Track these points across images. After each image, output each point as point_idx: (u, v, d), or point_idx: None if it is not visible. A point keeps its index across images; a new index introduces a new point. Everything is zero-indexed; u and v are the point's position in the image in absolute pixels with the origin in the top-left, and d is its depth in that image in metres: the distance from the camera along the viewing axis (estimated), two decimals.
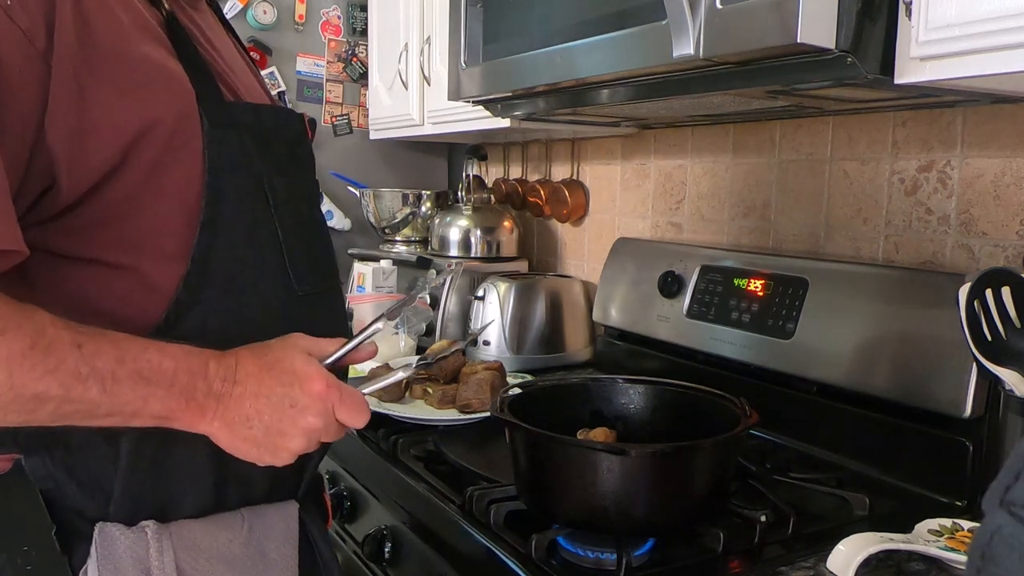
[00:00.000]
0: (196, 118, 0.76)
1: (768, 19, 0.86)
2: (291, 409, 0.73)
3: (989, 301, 0.95)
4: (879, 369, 1.17)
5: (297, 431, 0.74)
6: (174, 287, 0.76)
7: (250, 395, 0.72)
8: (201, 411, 0.71)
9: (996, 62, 0.78)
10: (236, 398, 0.72)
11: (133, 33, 0.73)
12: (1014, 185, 1.14)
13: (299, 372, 0.74)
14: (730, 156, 1.59)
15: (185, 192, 0.76)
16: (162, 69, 0.75)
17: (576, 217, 2.03)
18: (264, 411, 0.73)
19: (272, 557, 0.84)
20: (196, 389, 0.71)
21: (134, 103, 0.72)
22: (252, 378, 0.73)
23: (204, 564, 0.79)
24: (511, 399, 1.05)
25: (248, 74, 0.92)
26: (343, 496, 1.40)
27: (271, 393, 0.73)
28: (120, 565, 0.75)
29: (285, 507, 0.87)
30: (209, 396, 0.71)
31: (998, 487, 0.47)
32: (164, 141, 0.74)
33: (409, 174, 2.48)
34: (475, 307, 1.80)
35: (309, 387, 0.74)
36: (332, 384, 0.75)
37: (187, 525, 0.79)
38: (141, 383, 0.68)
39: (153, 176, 0.74)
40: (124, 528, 0.76)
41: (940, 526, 0.98)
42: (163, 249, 0.76)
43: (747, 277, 1.40)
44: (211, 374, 0.71)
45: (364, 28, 2.32)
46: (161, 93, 0.74)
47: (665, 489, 0.92)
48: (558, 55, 1.19)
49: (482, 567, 0.98)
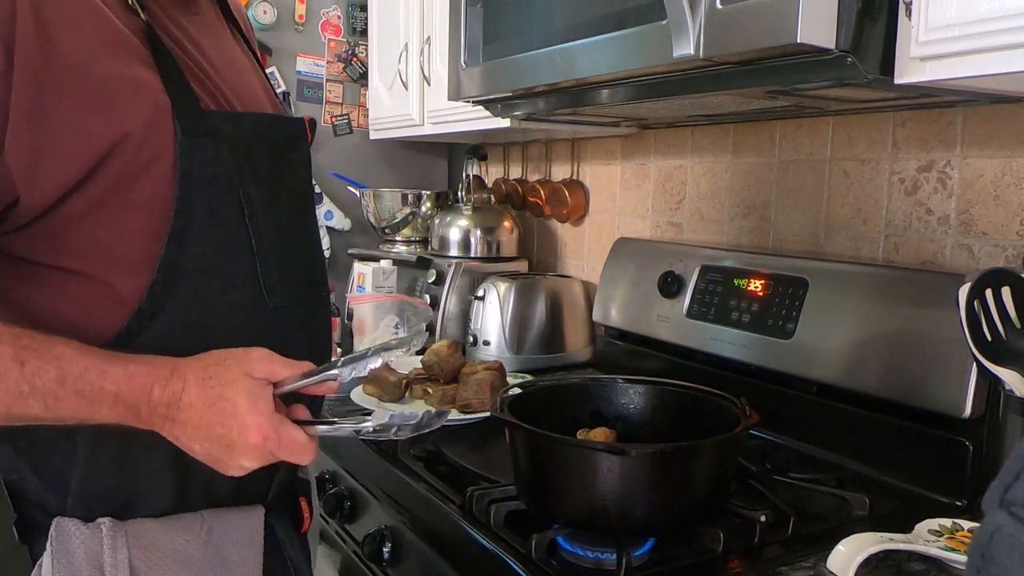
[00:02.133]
0: (168, 129, 0.76)
1: (768, 19, 0.86)
2: (229, 449, 0.73)
3: (989, 301, 0.95)
4: (879, 369, 1.17)
5: (235, 465, 0.74)
6: (138, 297, 0.75)
7: (192, 425, 0.72)
8: (149, 424, 0.72)
9: (996, 62, 0.78)
10: (180, 423, 0.72)
11: (99, 48, 0.72)
12: (1014, 185, 1.14)
13: (239, 418, 0.71)
14: (730, 156, 1.59)
15: (154, 202, 0.76)
16: (131, 82, 0.74)
17: (576, 217, 2.03)
18: (204, 440, 0.73)
19: (233, 560, 0.84)
20: (140, 410, 0.71)
21: (100, 119, 0.71)
22: (193, 411, 0.72)
23: (159, 563, 0.79)
24: (511, 399, 1.05)
25: (246, 77, 0.91)
26: (343, 496, 1.40)
27: (211, 431, 0.72)
28: (74, 560, 0.76)
29: (250, 511, 0.87)
30: (154, 415, 0.72)
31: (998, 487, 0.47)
32: (132, 153, 0.73)
33: (409, 174, 2.48)
34: (475, 307, 1.80)
35: (246, 437, 0.72)
36: (270, 435, 0.72)
37: (144, 524, 0.80)
38: (82, 402, 0.69)
39: (120, 187, 0.74)
40: (80, 524, 0.77)
41: (940, 526, 0.98)
42: (129, 259, 0.76)
43: (747, 277, 1.40)
44: (154, 399, 0.71)
45: (364, 28, 2.32)
46: (129, 107, 0.73)
47: (665, 489, 0.92)
48: (558, 55, 1.19)
49: (482, 567, 0.98)
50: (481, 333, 1.77)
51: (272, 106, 0.95)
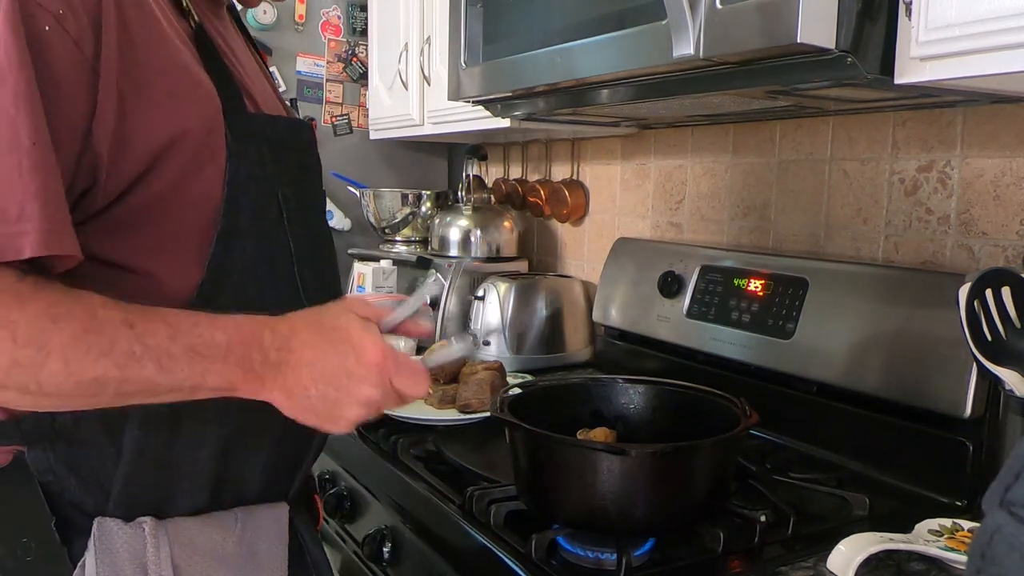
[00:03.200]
0: (221, 130, 0.77)
1: (768, 19, 0.86)
2: (347, 380, 0.72)
3: (989, 301, 0.95)
4: (879, 369, 1.17)
5: (353, 400, 0.73)
6: (188, 294, 0.76)
7: (307, 364, 0.72)
8: (260, 380, 0.71)
9: (996, 62, 0.78)
10: (293, 366, 0.72)
11: (170, 43, 0.74)
12: (1014, 185, 1.14)
13: (355, 342, 0.73)
14: (730, 156, 1.59)
15: (205, 202, 0.77)
16: (192, 81, 0.76)
17: (576, 217, 2.03)
18: (320, 380, 0.72)
19: (262, 556, 0.85)
20: (252, 360, 0.70)
21: (167, 112, 0.73)
22: (308, 347, 0.72)
23: (198, 561, 0.80)
24: (511, 399, 1.05)
25: (264, 82, 0.93)
26: (343, 496, 1.40)
27: (327, 363, 0.72)
28: (117, 559, 0.76)
29: (276, 508, 0.88)
30: (266, 366, 0.71)
31: (998, 487, 0.47)
32: (191, 151, 0.75)
33: (409, 174, 2.48)
34: (475, 307, 1.80)
35: (365, 357, 0.73)
36: (388, 354, 0.74)
37: (183, 522, 0.80)
38: (196, 358, 0.68)
39: (178, 185, 0.75)
40: (122, 523, 0.78)
41: (940, 526, 0.98)
42: (181, 256, 0.77)
43: (747, 277, 1.40)
44: (266, 344, 0.71)
45: (364, 28, 2.32)
46: (191, 104, 0.75)
47: (665, 489, 0.92)
48: (558, 55, 1.19)
49: (482, 567, 0.98)
50: (481, 333, 1.77)
51: (285, 111, 0.97)
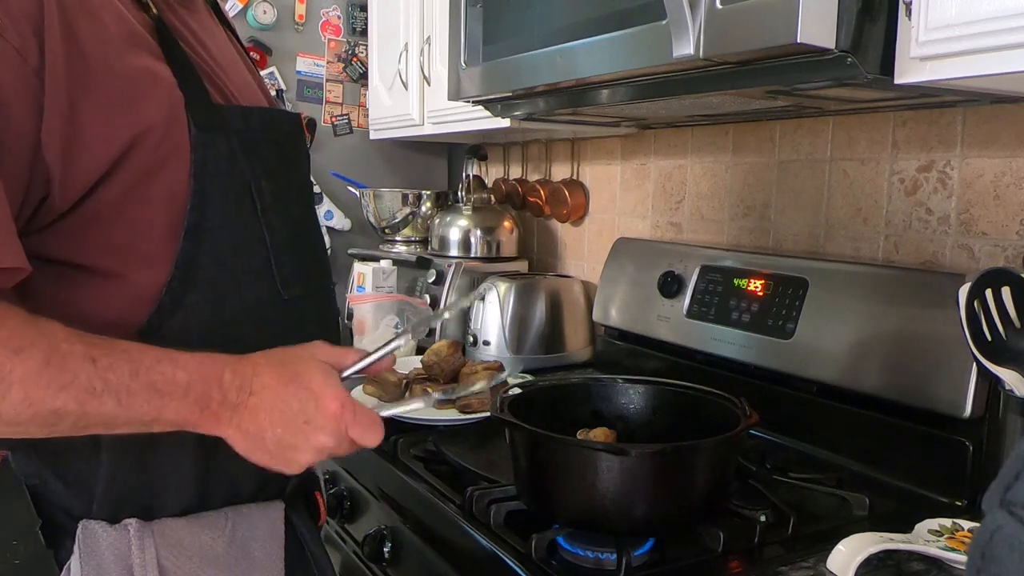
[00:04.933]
0: (183, 123, 0.76)
1: (768, 19, 0.86)
2: (305, 425, 0.73)
3: (989, 301, 0.95)
4: (879, 369, 1.17)
5: (309, 447, 0.74)
6: (157, 292, 0.76)
7: (265, 408, 0.72)
8: (216, 419, 0.72)
9: (996, 62, 0.78)
10: (251, 409, 0.72)
11: (120, 43, 0.73)
12: (1014, 185, 1.14)
13: (315, 390, 0.73)
14: (730, 156, 1.59)
15: (170, 198, 0.76)
16: (150, 77, 0.74)
17: (576, 217, 2.03)
18: (278, 424, 0.73)
19: (257, 556, 0.84)
20: (211, 399, 0.71)
21: (123, 114, 0.72)
22: (268, 391, 0.73)
23: (186, 562, 0.79)
24: (511, 399, 1.05)
25: (243, 74, 0.92)
26: (343, 496, 1.40)
27: (286, 408, 0.73)
28: (102, 562, 0.76)
29: (270, 507, 0.87)
30: (224, 405, 0.71)
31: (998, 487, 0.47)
32: (152, 148, 0.74)
33: (409, 174, 2.48)
34: (475, 307, 1.80)
35: (324, 406, 0.73)
36: (347, 404, 0.74)
37: (170, 523, 0.80)
38: (155, 395, 0.68)
39: (140, 182, 0.74)
40: (107, 526, 0.77)
41: (940, 526, 0.98)
42: (147, 254, 0.76)
43: (747, 277, 1.40)
44: (226, 384, 0.71)
45: (364, 28, 2.32)
46: (149, 101, 0.74)
47: (665, 489, 0.92)
48: (558, 55, 1.19)
49: (482, 567, 0.98)
50: (481, 333, 1.77)
51: (269, 101, 0.96)
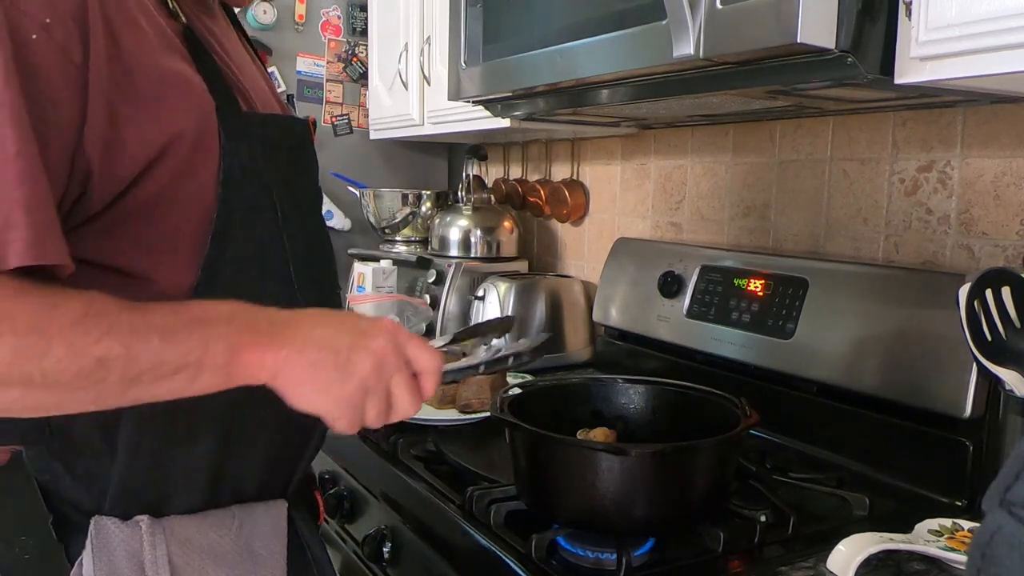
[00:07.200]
0: (214, 131, 0.77)
1: (768, 19, 0.86)
2: (359, 335, 0.71)
3: (989, 301, 0.95)
4: (879, 369, 1.17)
5: (364, 348, 0.70)
6: (182, 295, 0.76)
7: (319, 321, 0.71)
8: (271, 339, 0.68)
9: (996, 62, 0.78)
10: (305, 324, 0.71)
11: (157, 47, 0.74)
12: (1014, 185, 1.14)
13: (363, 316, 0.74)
14: (730, 156, 1.59)
15: (199, 203, 0.77)
16: (184, 82, 0.75)
17: (576, 217, 2.03)
18: (331, 335, 0.70)
19: (260, 554, 0.85)
20: (258, 321, 0.69)
21: (159, 116, 0.72)
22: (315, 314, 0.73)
23: (195, 559, 0.80)
24: (511, 399, 1.05)
25: (259, 80, 0.93)
26: (343, 496, 1.40)
27: (340, 323, 0.72)
28: (114, 558, 0.76)
29: (274, 505, 0.88)
30: (274, 324, 0.69)
31: (998, 487, 0.47)
32: (185, 153, 0.74)
33: (409, 174, 2.48)
34: (475, 307, 1.80)
35: (378, 320, 0.73)
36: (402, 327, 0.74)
37: (180, 520, 0.80)
38: (199, 325, 0.66)
39: (171, 186, 0.75)
40: (119, 522, 0.78)
41: (940, 526, 0.98)
42: (175, 258, 0.77)
43: (747, 277, 1.40)
44: (270, 311, 0.71)
45: (364, 28, 2.32)
46: (183, 106, 0.74)
47: (665, 489, 0.92)
48: (558, 55, 1.19)
49: (482, 567, 0.98)
50: None
51: (281, 108, 0.97)
